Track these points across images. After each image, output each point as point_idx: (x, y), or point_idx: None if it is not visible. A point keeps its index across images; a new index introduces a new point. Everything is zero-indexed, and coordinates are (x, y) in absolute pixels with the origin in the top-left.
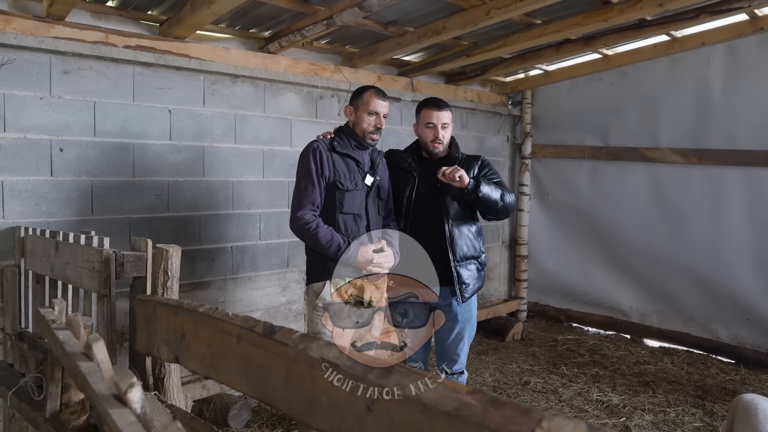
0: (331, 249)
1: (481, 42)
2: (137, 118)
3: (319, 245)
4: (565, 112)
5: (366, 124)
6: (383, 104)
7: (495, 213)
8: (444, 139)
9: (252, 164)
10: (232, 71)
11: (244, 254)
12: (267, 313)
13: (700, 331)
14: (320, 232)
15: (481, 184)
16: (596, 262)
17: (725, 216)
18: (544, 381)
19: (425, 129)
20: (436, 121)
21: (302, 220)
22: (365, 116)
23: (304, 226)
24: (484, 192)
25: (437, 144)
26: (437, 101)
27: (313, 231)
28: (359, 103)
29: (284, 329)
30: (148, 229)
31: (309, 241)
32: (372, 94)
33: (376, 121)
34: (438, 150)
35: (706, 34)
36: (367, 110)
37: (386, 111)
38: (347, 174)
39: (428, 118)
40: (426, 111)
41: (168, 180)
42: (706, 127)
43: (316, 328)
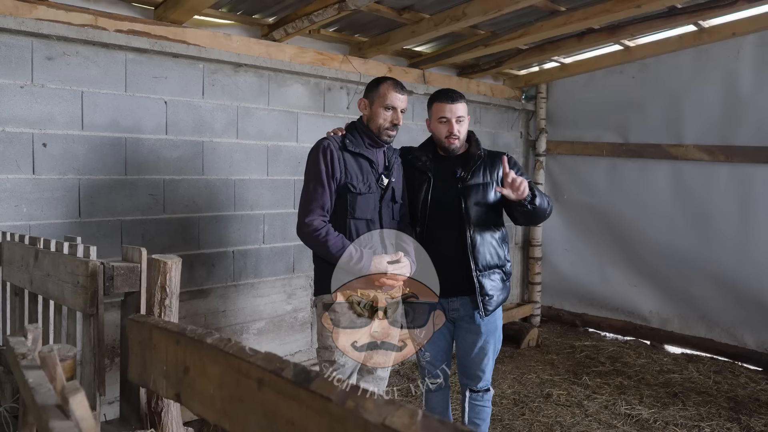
0: (342, 258)
1: (499, 31)
2: (130, 109)
3: (329, 254)
4: (581, 106)
5: (382, 119)
6: (401, 98)
7: (537, 222)
8: (460, 134)
9: (255, 161)
10: (234, 59)
11: (246, 259)
12: (271, 322)
13: (725, 338)
14: (330, 239)
15: (536, 195)
16: (614, 264)
17: (753, 216)
18: (567, 393)
19: (438, 124)
20: (450, 115)
21: (311, 226)
22: (381, 111)
23: (312, 233)
24: (537, 204)
25: (453, 140)
26: (450, 93)
27: (323, 238)
28: (375, 96)
29: (322, 377)
30: (141, 233)
31: (318, 250)
32: (390, 87)
33: (393, 116)
34: (454, 146)
35: (737, 24)
36: (384, 104)
37: (404, 105)
38: (360, 175)
39: (441, 112)
40: (438, 105)
41: (164, 178)
42: (734, 123)
43: (326, 342)
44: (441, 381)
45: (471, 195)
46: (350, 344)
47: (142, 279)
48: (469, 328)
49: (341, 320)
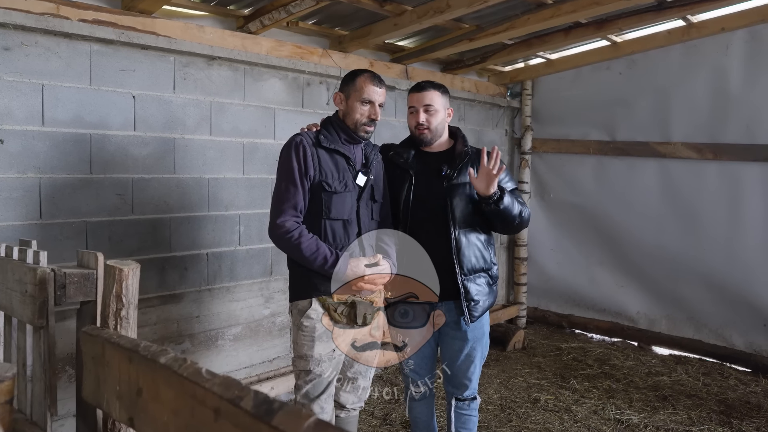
0: (317, 262)
1: (484, 24)
2: (95, 104)
3: (303, 257)
4: (568, 104)
5: (359, 114)
6: (379, 91)
7: (507, 229)
8: (430, 125)
9: (230, 159)
10: (207, 52)
11: (221, 262)
12: (248, 328)
13: (713, 338)
14: (304, 242)
15: (505, 195)
16: (601, 265)
17: (742, 215)
18: (554, 397)
19: (409, 115)
20: (417, 104)
21: (282, 227)
22: (358, 105)
23: (284, 235)
24: (505, 204)
25: (422, 130)
26: (419, 83)
27: (296, 241)
28: (351, 89)
29: (288, 409)
30: (108, 235)
31: (291, 253)
32: (366, 80)
33: (371, 111)
34: (424, 137)
35: (727, 19)
36: (360, 98)
37: (382, 99)
38: (335, 173)
39: (409, 102)
40: (409, 96)
41: (132, 177)
42: (722, 120)
43: (302, 351)
44: (425, 389)
45: (457, 194)
46: (328, 353)
47: (98, 287)
48: (454, 334)
49: (317, 327)
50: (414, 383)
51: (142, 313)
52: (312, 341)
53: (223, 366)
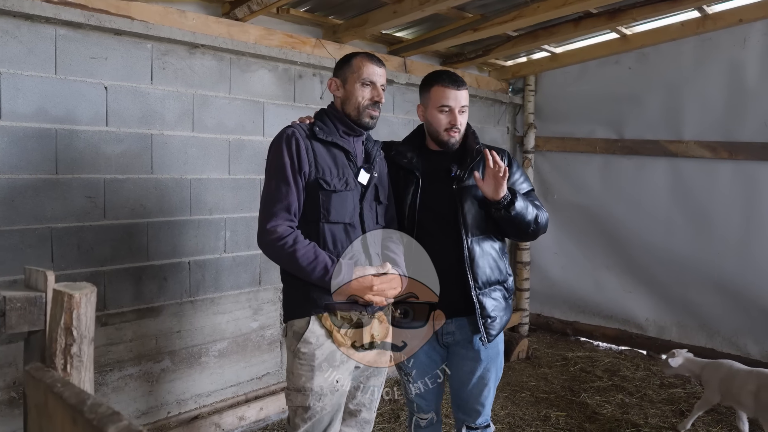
0: (316, 272)
1: (489, 14)
2: (61, 95)
3: (299, 268)
4: (573, 100)
5: (360, 97)
6: (379, 72)
7: (521, 236)
8: (462, 127)
9: (215, 158)
10: (189, 39)
11: (205, 271)
12: (235, 342)
13: (726, 347)
14: (299, 249)
15: (517, 199)
16: (608, 269)
17: (758, 216)
18: (566, 414)
19: (437, 113)
20: (454, 104)
21: (274, 233)
22: (358, 87)
23: (276, 242)
24: (517, 210)
25: (454, 133)
26: (453, 77)
27: (290, 248)
28: (348, 72)
29: None
30: (77, 243)
31: (285, 263)
32: (364, 59)
33: (373, 92)
34: (454, 141)
35: (744, 10)
36: (360, 79)
37: (384, 81)
38: (334, 169)
39: (443, 99)
40: (440, 89)
41: (104, 178)
42: (738, 117)
43: (299, 383)
44: (432, 415)
45: (468, 197)
46: (330, 385)
47: (47, 313)
48: (466, 354)
49: (317, 354)
50: (420, 409)
51: (116, 329)
52: (311, 371)
53: (207, 385)
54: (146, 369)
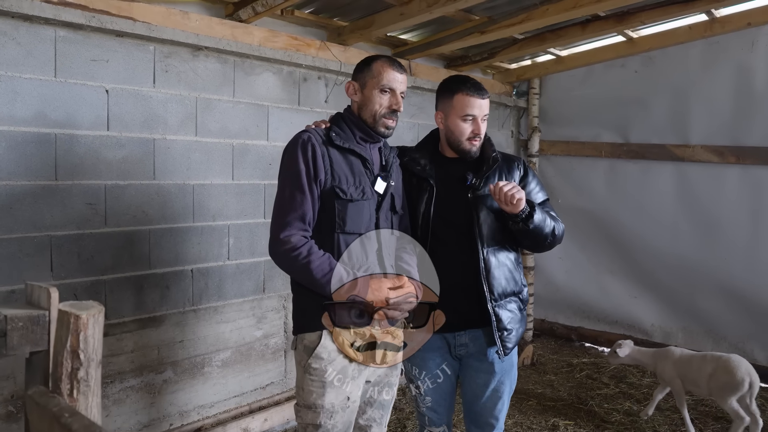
0: (331, 285)
1: (497, 16)
2: (61, 99)
3: (313, 280)
4: (578, 103)
5: (377, 105)
6: (400, 78)
7: (538, 248)
8: (482, 136)
9: (218, 163)
10: (192, 41)
11: (208, 278)
12: (238, 352)
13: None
14: (314, 260)
15: (535, 212)
16: (612, 274)
17: (766, 222)
18: (574, 423)
19: (460, 121)
20: (478, 112)
21: (288, 244)
22: (376, 94)
23: (290, 252)
24: (535, 223)
25: (476, 141)
26: (477, 85)
27: (304, 260)
28: (367, 76)
29: None
30: (77, 251)
31: (298, 275)
32: (385, 65)
33: (392, 100)
34: (475, 149)
35: (753, 13)
36: (380, 85)
37: (404, 88)
38: (350, 177)
39: (468, 108)
40: (464, 97)
41: (105, 184)
42: (746, 122)
43: (309, 400)
44: (444, 429)
45: (484, 207)
46: (341, 402)
47: (51, 333)
48: (479, 366)
49: (328, 370)
50: (431, 423)
51: (116, 339)
52: (322, 388)
53: (210, 396)
54: (148, 380)
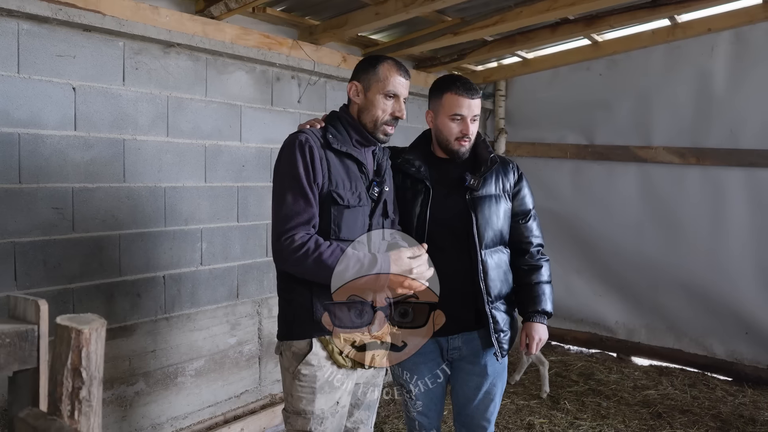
0: (349, 270)
1: (469, 18)
2: (25, 96)
3: (328, 271)
4: (544, 105)
5: (380, 110)
6: (405, 83)
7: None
8: (473, 136)
9: (190, 164)
10: (164, 37)
11: (181, 285)
12: (212, 360)
13: (693, 348)
14: (324, 252)
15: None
16: (578, 273)
17: (725, 221)
18: (548, 421)
19: (449, 121)
20: (467, 112)
21: (293, 243)
22: (380, 99)
23: (297, 251)
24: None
25: (464, 142)
26: (468, 84)
27: (314, 253)
28: (372, 79)
29: None
30: (43, 259)
31: (311, 272)
32: (392, 68)
33: (395, 106)
34: (464, 150)
35: (714, 19)
36: (385, 90)
37: (407, 94)
38: (347, 182)
39: (456, 107)
40: (453, 97)
41: (73, 187)
42: (706, 124)
43: (298, 406)
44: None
45: (482, 209)
46: (331, 407)
47: (41, 349)
48: (472, 369)
49: (318, 376)
50: (422, 427)
51: None
52: (312, 393)
53: (183, 407)
54: (119, 393)
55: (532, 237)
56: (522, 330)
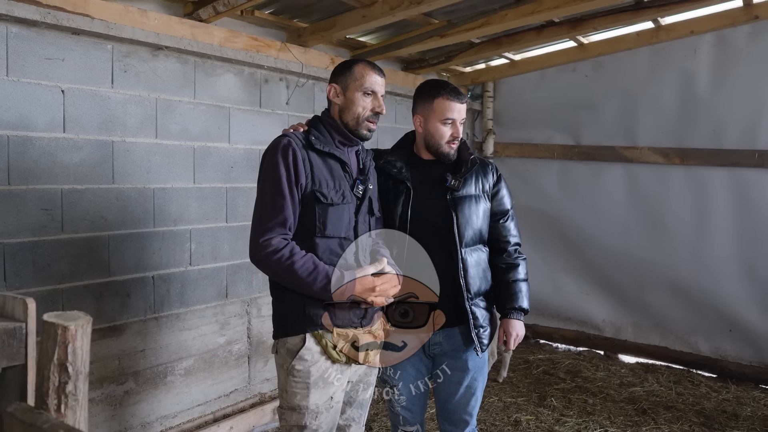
0: (317, 284)
1: (456, 20)
2: (14, 99)
3: (298, 280)
4: (531, 106)
5: (360, 107)
6: (381, 81)
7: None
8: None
9: (179, 166)
10: (152, 40)
11: (170, 285)
12: (201, 359)
13: (679, 345)
14: (297, 261)
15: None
16: (566, 272)
17: (709, 220)
18: (535, 418)
19: (440, 125)
20: (458, 116)
21: (269, 247)
22: (359, 97)
23: (272, 255)
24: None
25: (455, 144)
26: (456, 90)
27: (287, 261)
28: (349, 79)
29: None
30: (32, 260)
31: (282, 277)
32: (366, 67)
33: (374, 102)
34: (454, 152)
35: (696, 22)
36: (362, 88)
37: (384, 92)
38: (330, 181)
39: (447, 112)
40: (444, 101)
41: (62, 188)
42: (689, 125)
43: (293, 401)
44: (417, 428)
45: (463, 208)
46: (325, 402)
47: (29, 346)
48: (454, 364)
49: (312, 372)
50: (406, 422)
51: None
52: (307, 389)
53: (173, 406)
54: (108, 392)
55: (510, 236)
56: (500, 327)
